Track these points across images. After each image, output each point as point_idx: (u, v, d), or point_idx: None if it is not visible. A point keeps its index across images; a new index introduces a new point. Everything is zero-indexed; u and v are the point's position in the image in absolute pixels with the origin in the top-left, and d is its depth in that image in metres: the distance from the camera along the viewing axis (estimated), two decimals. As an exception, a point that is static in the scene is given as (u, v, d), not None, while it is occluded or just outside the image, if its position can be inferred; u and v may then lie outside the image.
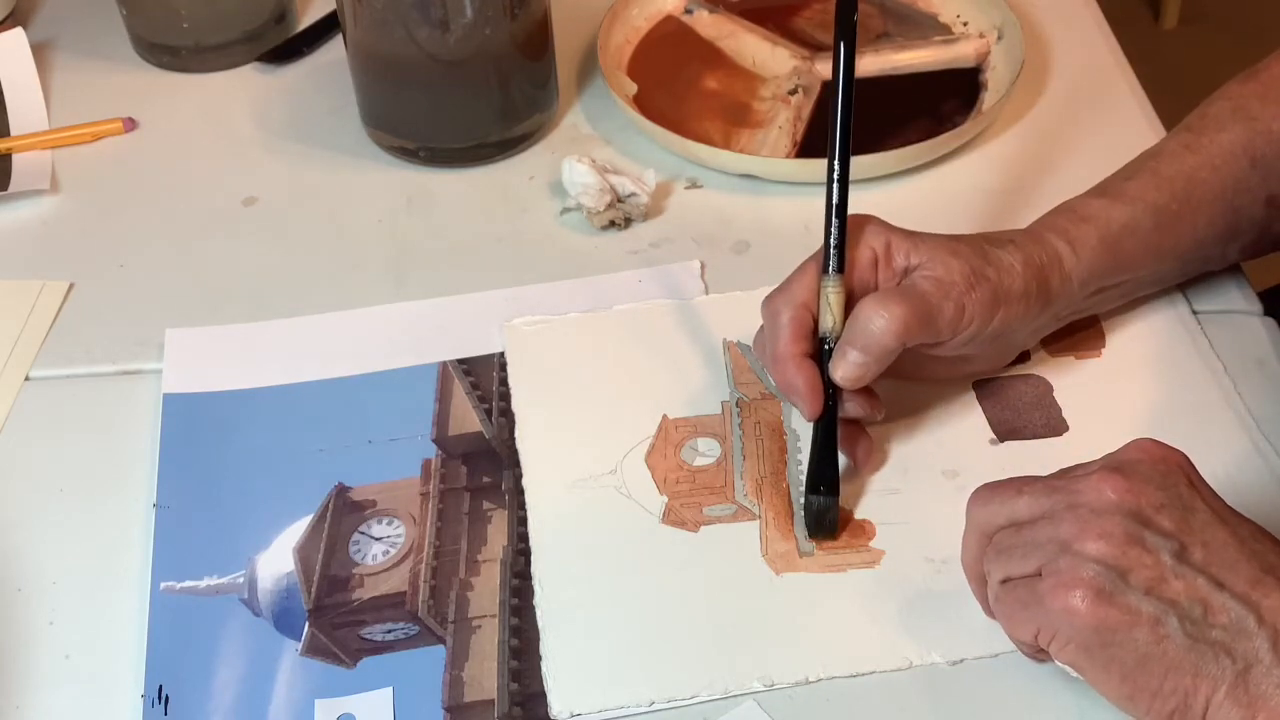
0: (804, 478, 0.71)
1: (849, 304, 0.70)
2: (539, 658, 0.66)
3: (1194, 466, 0.60)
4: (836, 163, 0.72)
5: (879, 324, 0.68)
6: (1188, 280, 0.81)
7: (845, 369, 0.69)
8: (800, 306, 0.70)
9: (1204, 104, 0.79)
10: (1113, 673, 0.57)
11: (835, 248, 0.70)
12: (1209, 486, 0.59)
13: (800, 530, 0.71)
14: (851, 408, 0.71)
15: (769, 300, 0.72)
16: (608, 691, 0.65)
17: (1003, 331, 0.71)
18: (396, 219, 0.90)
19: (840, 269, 0.70)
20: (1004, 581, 0.60)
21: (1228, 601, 0.55)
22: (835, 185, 0.71)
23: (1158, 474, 0.58)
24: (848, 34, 0.72)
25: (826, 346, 0.70)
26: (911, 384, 0.76)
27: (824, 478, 0.70)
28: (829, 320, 0.70)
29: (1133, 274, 0.76)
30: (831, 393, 0.70)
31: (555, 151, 0.93)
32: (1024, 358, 0.78)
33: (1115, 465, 0.59)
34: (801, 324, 0.70)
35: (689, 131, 0.91)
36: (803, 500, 0.70)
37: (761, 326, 0.73)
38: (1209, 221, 0.76)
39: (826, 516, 0.70)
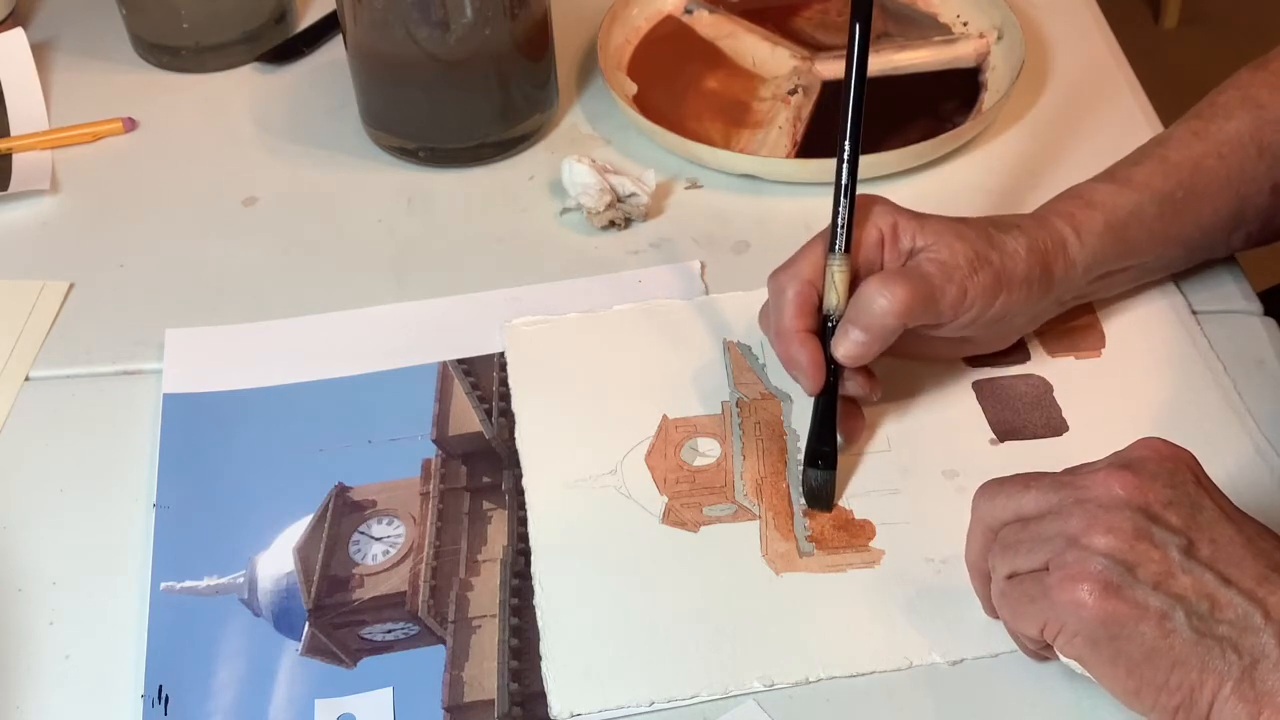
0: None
1: (854, 283, 0.70)
2: (539, 658, 0.66)
3: (1201, 465, 0.60)
4: (847, 143, 0.72)
5: (881, 304, 0.68)
6: (1188, 280, 0.81)
7: (847, 347, 0.69)
8: (805, 283, 0.71)
9: (1213, 92, 0.79)
10: (1119, 667, 0.56)
11: (843, 228, 0.71)
12: (1215, 485, 0.59)
13: (800, 530, 0.71)
14: (851, 386, 0.72)
15: (775, 275, 0.72)
16: (608, 691, 0.65)
17: (1004, 315, 0.72)
18: (396, 219, 0.90)
19: (846, 249, 0.71)
20: (1010, 577, 0.60)
21: (1234, 597, 0.55)
22: (845, 167, 0.72)
23: (1165, 471, 0.58)
24: (863, 18, 0.72)
25: (830, 324, 0.71)
26: (912, 383, 0.76)
27: (822, 452, 0.71)
28: (833, 298, 0.71)
29: (1137, 260, 0.76)
30: (833, 369, 0.71)
31: (555, 151, 0.93)
32: (1024, 357, 0.78)
33: (1123, 462, 0.59)
34: (806, 300, 0.71)
35: (689, 131, 0.91)
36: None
37: (766, 301, 0.73)
38: (1215, 209, 0.76)
39: (823, 490, 0.71)
